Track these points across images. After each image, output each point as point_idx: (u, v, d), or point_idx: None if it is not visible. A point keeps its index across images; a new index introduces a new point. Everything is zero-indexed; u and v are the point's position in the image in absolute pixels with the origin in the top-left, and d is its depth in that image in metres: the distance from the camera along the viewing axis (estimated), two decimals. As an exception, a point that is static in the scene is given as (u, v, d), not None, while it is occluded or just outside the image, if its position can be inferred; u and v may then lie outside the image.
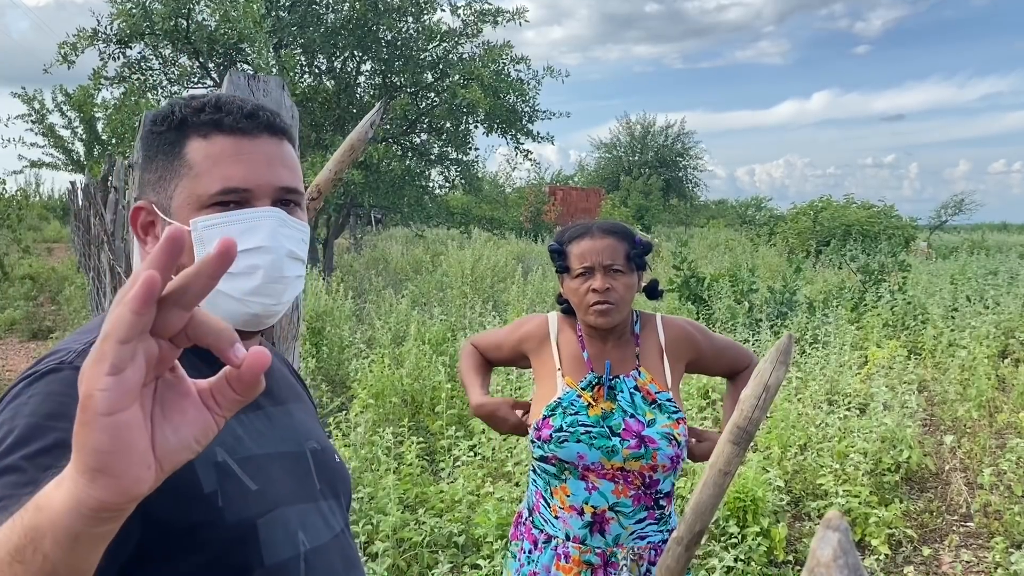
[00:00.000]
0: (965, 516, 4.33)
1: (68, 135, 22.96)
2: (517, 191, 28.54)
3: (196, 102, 0.97)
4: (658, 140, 38.40)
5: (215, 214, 0.94)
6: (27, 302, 10.54)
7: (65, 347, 0.88)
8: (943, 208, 26.81)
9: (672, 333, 1.93)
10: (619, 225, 1.92)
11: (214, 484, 0.88)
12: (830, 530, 0.51)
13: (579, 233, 1.89)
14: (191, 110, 0.96)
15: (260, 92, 1.99)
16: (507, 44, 12.90)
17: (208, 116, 0.95)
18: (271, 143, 0.98)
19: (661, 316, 1.97)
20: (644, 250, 1.88)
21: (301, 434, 1.06)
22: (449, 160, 13.88)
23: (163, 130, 0.97)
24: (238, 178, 0.94)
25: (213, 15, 11.12)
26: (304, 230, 1.01)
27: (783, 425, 4.76)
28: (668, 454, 1.78)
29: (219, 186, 0.94)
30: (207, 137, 0.95)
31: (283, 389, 1.11)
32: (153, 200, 0.98)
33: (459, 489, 3.84)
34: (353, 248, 18.55)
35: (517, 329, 2.02)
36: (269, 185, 0.96)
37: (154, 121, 0.98)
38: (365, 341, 6.94)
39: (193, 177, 0.95)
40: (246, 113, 0.96)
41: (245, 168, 0.95)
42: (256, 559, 0.89)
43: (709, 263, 13.67)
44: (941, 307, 8.48)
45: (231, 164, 0.94)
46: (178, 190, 0.95)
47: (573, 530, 1.82)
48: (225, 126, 0.95)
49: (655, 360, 1.90)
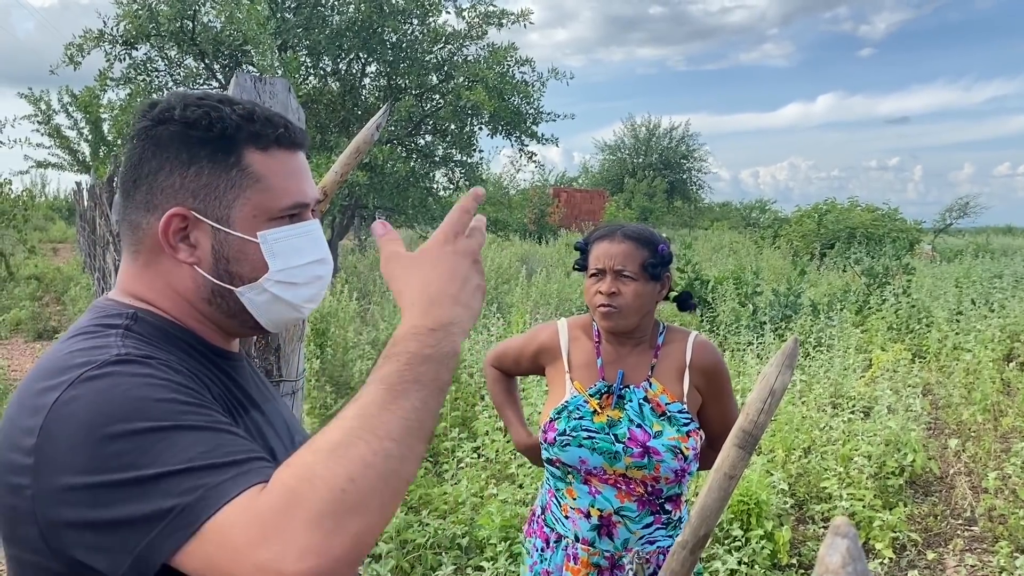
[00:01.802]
0: (970, 520, 4.32)
1: (74, 136, 22.98)
2: (521, 193, 28.52)
3: (240, 108, 0.96)
4: (663, 142, 38.38)
5: (283, 227, 0.97)
6: (32, 302, 10.56)
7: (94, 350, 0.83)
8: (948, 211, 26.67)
9: (701, 355, 1.89)
10: (645, 232, 1.90)
11: None
12: (839, 536, 0.51)
13: (603, 234, 1.90)
14: (239, 118, 0.95)
15: (267, 94, 1.99)
16: (511, 46, 12.89)
17: (259, 128, 0.96)
18: (303, 156, 1.03)
19: (696, 335, 1.94)
20: (663, 260, 1.87)
21: (291, 430, 1.10)
22: (454, 162, 13.87)
23: (211, 136, 0.93)
24: (304, 193, 0.99)
25: (219, 17, 11.15)
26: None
27: (787, 428, 4.75)
28: (672, 467, 1.77)
29: (293, 200, 0.97)
30: (267, 151, 0.96)
31: (265, 388, 1.13)
32: (193, 207, 0.94)
33: (463, 491, 3.84)
34: (358, 249, 18.56)
35: (532, 341, 2.02)
36: (313, 198, 1.02)
37: (193, 126, 0.93)
38: (369, 342, 6.94)
39: (262, 191, 0.95)
40: (293, 128, 1.00)
41: (307, 183, 1.01)
42: None
43: (713, 265, 13.65)
44: (946, 310, 8.46)
45: (295, 179, 0.99)
46: (239, 201, 0.94)
47: (582, 532, 1.82)
48: (283, 141, 0.98)
49: (672, 374, 1.88)
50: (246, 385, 1.03)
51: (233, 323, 1.00)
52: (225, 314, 0.99)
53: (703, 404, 1.90)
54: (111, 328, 0.89)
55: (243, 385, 1.02)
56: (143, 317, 0.94)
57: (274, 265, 0.96)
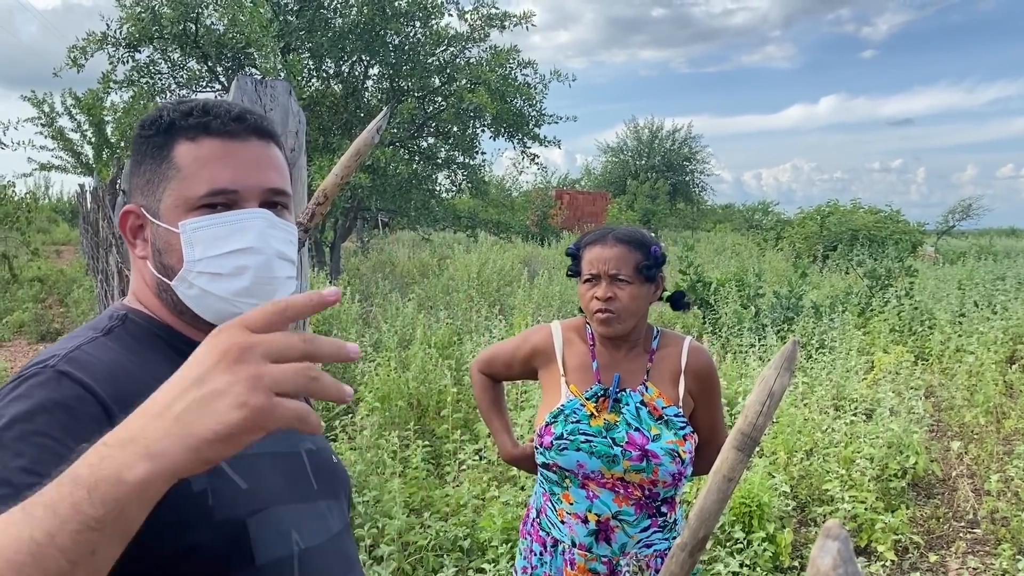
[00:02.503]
0: (972, 522, 4.31)
1: (77, 138, 23.04)
2: (524, 195, 28.52)
3: (184, 106, 0.97)
4: (665, 144, 38.33)
5: (203, 216, 0.94)
6: (36, 304, 10.57)
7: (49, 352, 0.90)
8: (951, 213, 26.63)
9: (696, 361, 1.90)
10: (636, 234, 1.90)
11: (204, 483, 0.87)
12: (829, 539, 0.51)
13: (594, 239, 1.89)
14: (179, 114, 0.97)
15: (267, 97, 2.00)
16: (514, 48, 12.91)
17: (196, 119, 0.96)
18: (259, 146, 0.98)
19: (691, 341, 1.94)
20: (657, 262, 1.87)
21: (295, 435, 1.06)
22: (456, 164, 13.88)
23: (151, 134, 0.97)
24: (225, 179, 0.94)
25: (221, 19, 11.16)
26: (292, 231, 1.01)
27: (789, 430, 4.74)
28: (670, 470, 1.77)
29: (206, 188, 0.94)
30: (195, 140, 0.95)
31: None
32: (142, 204, 0.98)
33: (464, 493, 3.84)
34: (360, 251, 18.56)
35: (524, 343, 2.01)
36: (257, 187, 0.96)
37: (143, 126, 0.99)
38: (371, 344, 6.94)
39: (181, 180, 0.95)
40: (234, 116, 0.97)
41: (232, 170, 0.95)
42: (247, 558, 0.89)
43: (716, 267, 13.65)
44: (948, 312, 8.44)
45: (218, 166, 0.94)
46: (166, 193, 0.95)
47: (579, 537, 1.81)
48: (213, 129, 0.95)
49: (667, 378, 1.88)
50: None
51: (185, 318, 0.99)
52: (173, 309, 0.99)
53: (694, 409, 1.90)
54: (97, 329, 0.95)
55: None
56: (133, 319, 0.98)
57: (190, 255, 0.93)
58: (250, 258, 0.94)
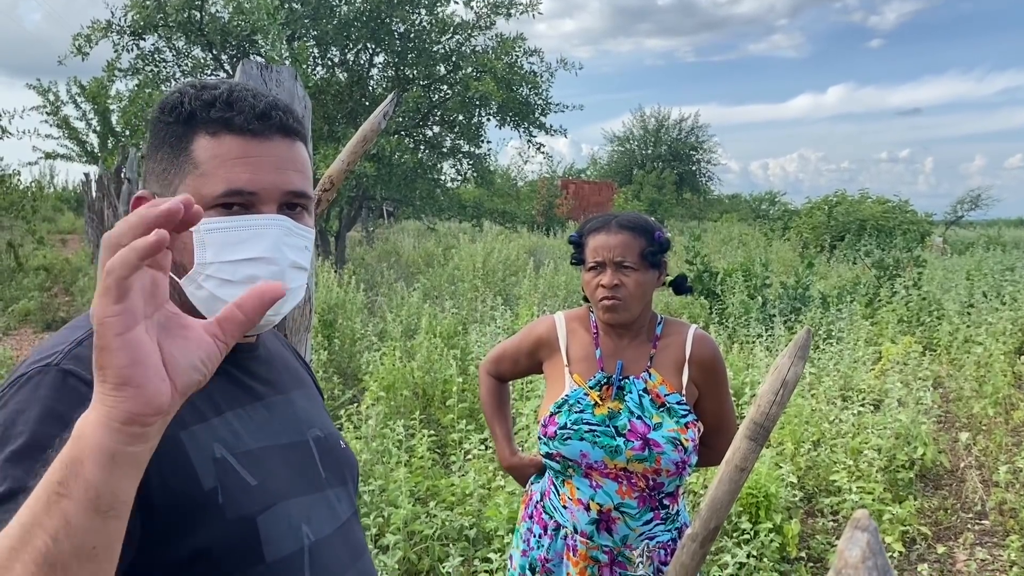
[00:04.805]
0: (980, 514, 4.29)
1: (82, 127, 23.02)
2: (529, 184, 28.47)
3: (207, 94, 0.93)
4: (672, 134, 38.22)
5: (219, 217, 0.90)
6: (41, 293, 10.60)
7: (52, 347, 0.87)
8: (959, 203, 26.52)
9: (701, 349, 1.87)
10: (640, 220, 1.88)
11: (213, 480, 0.87)
12: (859, 530, 0.49)
13: (597, 226, 1.87)
14: (201, 103, 0.93)
15: (273, 82, 1.97)
16: (520, 36, 12.84)
17: (218, 113, 0.92)
18: (283, 145, 0.95)
19: (696, 329, 1.91)
20: (661, 248, 1.85)
21: (303, 423, 1.05)
22: (461, 153, 13.84)
23: (171, 121, 0.94)
24: (243, 180, 0.91)
25: (226, 7, 11.13)
26: (309, 236, 0.98)
27: (796, 421, 4.72)
28: (673, 459, 1.75)
29: (223, 187, 0.91)
30: (216, 136, 0.92)
31: (286, 377, 1.09)
32: (156, 192, 0.95)
33: (470, 482, 3.83)
34: (365, 241, 18.57)
35: (529, 335, 2.00)
36: (276, 189, 0.93)
37: (163, 110, 0.95)
38: (377, 334, 6.94)
39: (198, 176, 0.92)
40: (258, 113, 0.93)
41: (252, 171, 0.92)
42: (257, 556, 0.89)
43: (722, 257, 13.60)
44: (957, 303, 8.39)
45: (238, 166, 0.91)
46: (182, 187, 0.92)
47: (581, 524, 1.81)
48: (235, 126, 0.92)
49: (671, 366, 1.86)
50: (249, 379, 1.01)
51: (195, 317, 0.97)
52: (183, 307, 0.95)
53: (699, 398, 1.88)
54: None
55: (242, 380, 1.00)
56: None
57: (201, 256, 0.89)
58: (263, 268, 0.91)
